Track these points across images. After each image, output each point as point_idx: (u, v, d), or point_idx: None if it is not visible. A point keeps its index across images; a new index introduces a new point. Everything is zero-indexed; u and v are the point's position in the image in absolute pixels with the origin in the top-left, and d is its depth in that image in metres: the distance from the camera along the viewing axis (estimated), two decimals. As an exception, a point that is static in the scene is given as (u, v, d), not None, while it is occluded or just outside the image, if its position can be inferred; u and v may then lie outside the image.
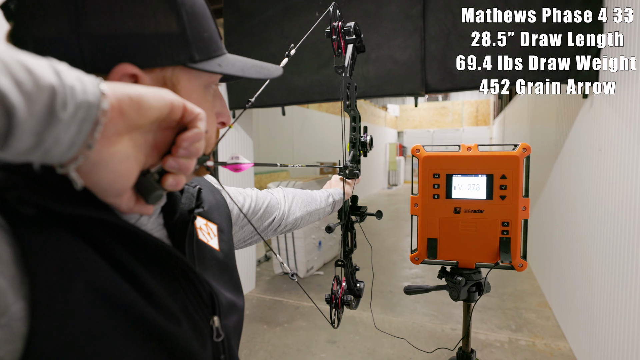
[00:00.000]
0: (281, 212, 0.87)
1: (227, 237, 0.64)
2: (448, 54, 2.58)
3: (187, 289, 0.47)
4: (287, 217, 0.88)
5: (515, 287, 3.83)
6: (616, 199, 1.95)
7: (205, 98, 0.48)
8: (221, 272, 0.58)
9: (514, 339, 2.83)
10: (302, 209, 0.92)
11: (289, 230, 0.92)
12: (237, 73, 0.48)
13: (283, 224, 0.88)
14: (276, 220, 0.86)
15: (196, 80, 0.46)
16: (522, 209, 0.89)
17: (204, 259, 0.54)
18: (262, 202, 0.83)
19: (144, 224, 0.47)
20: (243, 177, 3.69)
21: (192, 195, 0.56)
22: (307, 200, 0.95)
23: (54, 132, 0.27)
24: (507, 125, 8.04)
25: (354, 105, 0.91)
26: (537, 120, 4.34)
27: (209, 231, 0.58)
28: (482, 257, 0.92)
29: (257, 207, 0.81)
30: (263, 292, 3.83)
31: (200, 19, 0.45)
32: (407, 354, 2.66)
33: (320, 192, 1.01)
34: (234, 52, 2.64)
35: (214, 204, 0.64)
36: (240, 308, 0.60)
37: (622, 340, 1.90)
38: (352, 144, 0.94)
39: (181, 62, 0.43)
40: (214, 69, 0.45)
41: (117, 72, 0.39)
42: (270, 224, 0.85)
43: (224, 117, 0.52)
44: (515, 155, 0.89)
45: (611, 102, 2.05)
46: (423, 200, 0.95)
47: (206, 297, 0.49)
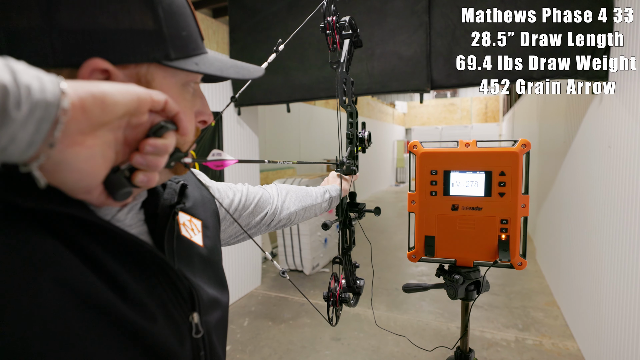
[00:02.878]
0: (274, 207, 0.86)
1: (212, 233, 0.63)
2: (454, 49, 2.55)
3: (165, 285, 0.47)
4: (280, 212, 0.87)
5: (522, 285, 3.78)
6: (626, 196, 1.91)
7: (182, 96, 0.47)
8: (204, 267, 0.57)
9: (521, 338, 2.80)
10: (296, 204, 0.91)
11: (284, 225, 0.90)
12: (214, 72, 0.47)
13: (276, 219, 0.87)
14: (269, 215, 0.85)
15: (172, 78, 0.45)
16: (522, 206, 0.88)
17: (186, 254, 0.54)
18: (254, 197, 0.82)
19: (120, 219, 0.47)
20: (249, 174, 3.70)
21: (174, 191, 0.55)
22: (301, 195, 0.94)
23: (8, 131, 0.26)
24: (517, 122, 7.94)
25: (351, 101, 0.90)
26: (546, 117, 4.27)
27: (192, 227, 0.58)
28: (481, 255, 0.90)
29: (247, 202, 0.81)
30: (268, 289, 3.84)
31: (178, 17, 0.45)
32: (412, 352, 2.65)
33: (316, 188, 1.00)
34: (238, 49, 2.66)
35: (200, 200, 0.64)
36: (223, 304, 0.60)
37: (631, 341, 1.86)
38: (349, 140, 0.92)
39: (156, 60, 0.42)
40: (191, 67, 0.45)
41: (88, 67, 0.38)
42: (262, 219, 0.84)
43: (204, 116, 0.52)
44: (515, 151, 0.87)
45: (621, 99, 2.01)
46: (420, 197, 0.94)
47: (185, 293, 0.49)
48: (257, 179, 3.88)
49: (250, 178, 3.73)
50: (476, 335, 2.85)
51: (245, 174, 3.65)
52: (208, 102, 0.53)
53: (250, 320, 3.17)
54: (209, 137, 3.13)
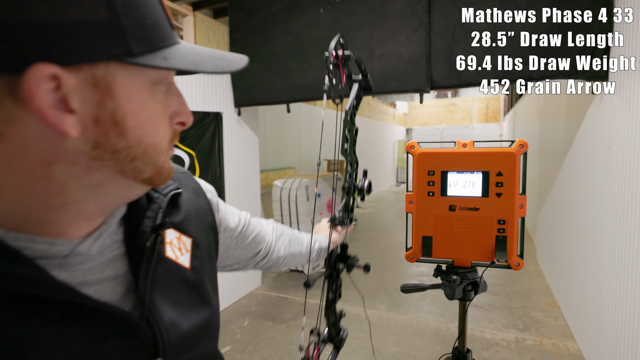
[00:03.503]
0: (267, 245, 0.80)
1: (202, 252, 0.56)
2: (454, 49, 2.55)
3: (122, 333, 0.42)
4: (272, 252, 0.81)
5: (523, 285, 3.78)
6: (626, 196, 1.90)
7: (153, 98, 0.40)
8: (188, 293, 0.51)
9: (521, 338, 2.79)
10: (286, 248, 0.85)
11: (268, 268, 0.84)
12: (187, 67, 0.40)
13: (267, 258, 0.81)
14: (261, 253, 0.79)
15: (138, 77, 0.38)
16: (519, 206, 0.88)
17: (167, 281, 0.48)
18: (253, 230, 0.76)
19: (82, 252, 0.41)
20: (247, 175, 3.71)
21: (159, 207, 0.49)
22: (293, 240, 0.88)
23: None
24: (518, 122, 7.93)
25: (352, 150, 0.82)
26: (546, 117, 4.27)
27: (180, 246, 0.52)
28: (478, 256, 0.90)
29: (247, 232, 0.74)
30: (269, 289, 3.84)
31: (140, 4, 0.37)
32: (412, 352, 2.65)
33: (307, 235, 0.92)
34: (238, 50, 2.63)
35: (194, 211, 0.57)
36: (211, 328, 0.54)
37: (631, 341, 1.86)
38: (346, 192, 0.83)
39: (116, 57, 0.35)
40: (158, 63, 0.38)
41: (33, 75, 0.32)
42: (254, 255, 0.78)
43: (182, 117, 0.44)
44: (512, 151, 0.87)
45: (621, 99, 2.00)
46: (418, 198, 0.94)
47: (147, 339, 0.43)
48: (257, 179, 3.88)
49: (250, 178, 3.73)
50: (476, 335, 2.85)
51: (245, 175, 3.65)
52: (207, 102, 0.46)
53: (250, 320, 3.17)
54: (209, 138, 3.13)
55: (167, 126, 0.43)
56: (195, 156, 2.99)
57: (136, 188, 0.43)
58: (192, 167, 2.97)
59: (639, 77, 1.82)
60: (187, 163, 2.90)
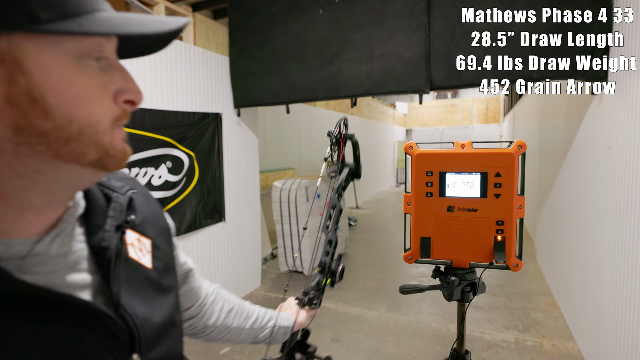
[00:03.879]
0: (199, 305, 0.72)
1: (163, 253, 0.55)
2: (453, 50, 2.55)
3: (97, 331, 0.40)
4: (201, 315, 0.73)
5: (523, 286, 3.77)
6: (626, 197, 1.90)
7: (81, 72, 0.35)
8: (154, 293, 0.50)
9: (521, 339, 2.79)
10: (222, 319, 0.75)
11: (194, 335, 0.75)
12: (107, 30, 0.35)
13: (193, 321, 0.72)
14: (191, 311, 0.71)
15: (54, 49, 0.33)
16: (518, 207, 0.87)
17: (133, 280, 0.47)
18: (193, 281, 0.70)
19: (41, 251, 0.39)
20: (247, 176, 3.70)
21: (121, 207, 0.48)
22: (237, 312, 0.77)
23: None
24: (517, 123, 7.93)
25: (334, 226, 0.81)
26: (546, 118, 4.27)
27: (141, 247, 0.51)
28: (477, 257, 0.90)
29: (187, 279, 0.69)
30: (268, 290, 3.84)
31: None
32: (411, 353, 2.64)
33: (260, 309, 0.81)
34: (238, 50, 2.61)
35: (149, 215, 0.55)
36: (177, 328, 0.54)
37: (631, 342, 1.85)
38: (321, 269, 0.80)
39: (18, 26, 0.30)
40: (71, 28, 0.32)
41: None
42: (183, 311, 0.70)
43: (129, 94, 0.40)
44: (510, 152, 0.87)
45: (620, 99, 2.00)
46: (416, 199, 0.94)
47: (122, 335, 0.43)
48: (257, 180, 3.88)
49: (249, 179, 3.73)
50: (476, 336, 2.84)
51: (244, 176, 3.65)
52: (206, 103, 0.45)
53: (249, 321, 3.16)
54: (209, 139, 3.13)
55: (108, 103, 0.39)
56: (195, 157, 2.99)
57: (85, 173, 0.39)
58: (192, 168, 2.96)
59: (638, 77, 1.82)
60: (186, 164, 2.89)
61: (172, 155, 2.77)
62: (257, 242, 3.89)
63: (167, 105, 2.74)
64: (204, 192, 3.10)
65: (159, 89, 2.67)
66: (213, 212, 3.22)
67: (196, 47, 3.04)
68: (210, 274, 3.23)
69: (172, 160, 2.77)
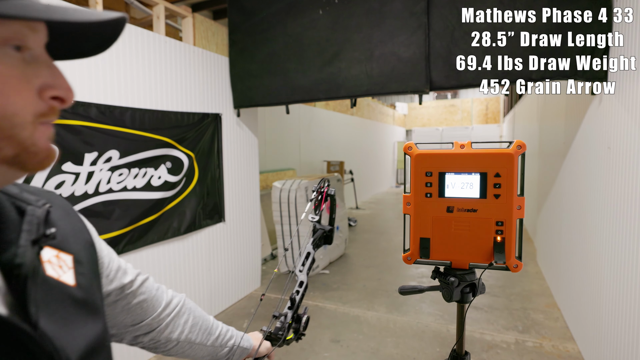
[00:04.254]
0: (158, 318, 0.67)
1: (87, 269, 0.50)
2: (453, 50, 2.55)
3: (14, 355, 0.36)
4: (161, 330, 0.69)
5: (523, 287, 3.77)
6: (626, 197, 1.90)
7: None
8: (78, 313, 0.45)
9: (521, 340, 2.78)
10: (185, 333, 0.71)
11: (154, 349, 0.71)
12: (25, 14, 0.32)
13: (152, 335, 0.68)
14: (145, 325, 0.66)
15: None
16: (517, 208, 0.87)
17: (52, 300, 0.43)
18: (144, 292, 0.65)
19: None
20: (247, 177, 3.70)
21: (38, 220, 0.43)
22: (201, 327, 0.74)
23: None
24: (517, 123, 7.92)
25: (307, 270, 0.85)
26: (546, 118, 4.27)
27: (60, 264, 0.46)
28: (476, 258, 0.90)
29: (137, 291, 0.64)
30: (268, 291, 3.83)
31: None
32: (411, 354, 2.64)
33: (223, 326, 0.79)
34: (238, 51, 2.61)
35: (70, 229, 0.51)
36: (106, 350, 0.49)
37: (631, 343, 1.85)
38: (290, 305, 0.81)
39: None
40: None
41: None
42: (135, 324, 0.65)
43: (57, 90, 0.38)
44: (510, 152, 0.86)
45: (620, 99, 2.00)
46: (415, 199, 0.93)
47: (44, 357, 0.38)
48: (257, 180, 3.88)
49: (249, 180, 3.73)
50: (476, 337, 2.84)
51: (244, 176, 3.65)
52: (206, 103, 0.40)
53: (249, 321, 3.16)
54: (209, 139, 3.13)
55: (31, 97, 0.36)
56: (194, 157, 2.98)
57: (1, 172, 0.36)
58: (191, 169, 2.96)
59: (638, 77, 1.81)
60: (186, 164, 2.89)
61: (172, 155, 2.77)
62: (256, 242, 3.88)
63: (167, 106, 2.74)
64: (203, 192, 3.10)
65: (158, 90, 2.67)
66: (213, 213, 3.22)
67: (196, 48, 3.04)
68: (210, 274, 3.22)
69: (171, 161, 2.76)
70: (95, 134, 2.22)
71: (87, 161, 2.18)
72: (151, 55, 2.61)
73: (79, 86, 2.14)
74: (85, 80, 2.18)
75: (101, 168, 2.27)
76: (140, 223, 2.54)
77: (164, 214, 2.74)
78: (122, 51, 2.39)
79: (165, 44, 2.74)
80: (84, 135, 2.16)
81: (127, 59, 2.43)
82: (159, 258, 2.74)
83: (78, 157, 2.14)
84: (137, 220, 2.52)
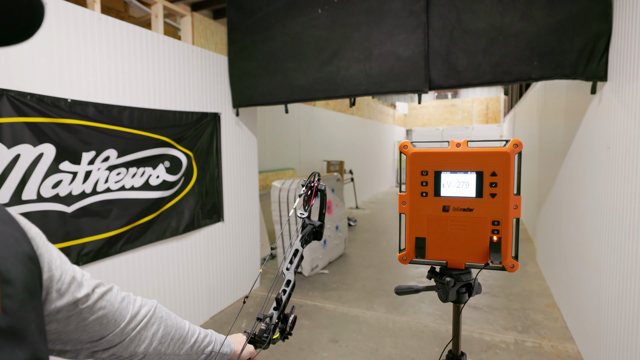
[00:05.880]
0: (120, 333, 0.62)
1: (17, 290, 0.42)
2: (452, 49, 2.54)
3: None
4: (126, 344, 0.63)
5: (522, 287, 3.76)
6: (626, 197, 1.89)
7: None
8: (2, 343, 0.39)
9: (520, 340, 2.77)
10: (154, 345, 0.66)
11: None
12: None
13: (114, 350, 0.62)
14: (105, 342, 0.60)
15: None
16: (514, 207, 0.86)
17: None
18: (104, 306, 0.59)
19: None
20: (246, 176, 3.69)
21: None
22: (173, 336, 0.69)
23: None
24: (518, 123, 7.91)
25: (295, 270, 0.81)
26: (546, 118, 4.26)
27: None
28: (472, 257, 0.89)
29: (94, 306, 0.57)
30: (266, 290, 3.83)
31: None
32: (410, 354, 2.63)
33: (200, 332, 0.74)
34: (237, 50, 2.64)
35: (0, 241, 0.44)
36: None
37: (631, 343, 1.84)
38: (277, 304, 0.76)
39: None
40: None
41: None
42: (93, 341, 0.59)
43: None
44: (506, 151, 0.86)
45: (620, 99, 1.99)
46: (411, 198, 0.92)
47: None
48: (256, 180, 3.87)
49: (248, 179, 3.72)
50: (475, 337, 2.83)
51: (243, 176, 3.64)
52: (205, 103, 0.35)
53: (248, 321, 3.15)
54: (207, 139, 3.12)
55: None
56: (193, 157, 2.98)
57: None
58: (190, 168, 2.95)
59: (638, 77, 1.80)
60: (184, 164, 2.88)
61: (170, 155, 2.76)
62: (256, 242, 3.88)
63: (165, 105, 2.73)
64: (202, 192, 3.09)
65: (157, 89, 2.66)
66: (211, 212, 3.21)
67: (195, 47, 3.03)
68: (209, 274, 3.22)
69: (170, 160, 2.76)
70: (93, 133, 2.21)
71: (85, 160, 2.18)
72: (150, 54, 2.60)
73: (76, 85, 2.14)
74: (83, 79, 2.18)
75: (99, 167, 2.26)
76: (138, 222, 2.54)
77: (162, 214, 2.73)
78: (120, 50, 2.39)
79: (164, 43, 2.73)
80: (81, 134, 2.15)
81: (125, 58, 2.42)
82: (158, 258, 2.74)
83: (76, 156, 2.13)
84: (135, 219, 2.51)
